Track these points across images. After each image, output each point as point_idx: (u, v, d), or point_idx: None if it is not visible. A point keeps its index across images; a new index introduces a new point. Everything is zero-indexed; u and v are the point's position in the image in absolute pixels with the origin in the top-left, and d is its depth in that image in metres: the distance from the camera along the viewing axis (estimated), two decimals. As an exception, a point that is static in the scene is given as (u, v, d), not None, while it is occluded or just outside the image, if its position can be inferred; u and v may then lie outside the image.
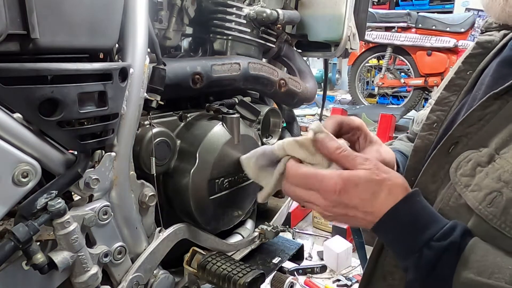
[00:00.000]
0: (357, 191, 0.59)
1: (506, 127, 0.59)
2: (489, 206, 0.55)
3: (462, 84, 0.73)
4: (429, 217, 0.59)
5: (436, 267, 0.56)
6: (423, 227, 0.58)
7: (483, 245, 0.55)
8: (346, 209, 0.61)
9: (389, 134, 3.71)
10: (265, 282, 1.12)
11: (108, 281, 0.80)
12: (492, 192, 0.55)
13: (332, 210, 0.62)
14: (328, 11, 1.22)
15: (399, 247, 0.62)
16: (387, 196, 0.60)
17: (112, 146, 0.74)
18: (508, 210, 0.53)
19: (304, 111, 4.81)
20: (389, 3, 6.67)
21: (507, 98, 0.60)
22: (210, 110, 0.99)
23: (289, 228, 2.74)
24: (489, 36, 0.74)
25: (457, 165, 0.61)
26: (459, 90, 0.73)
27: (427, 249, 0.56)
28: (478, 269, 0.53)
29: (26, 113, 0.59)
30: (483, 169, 0.58)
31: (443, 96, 0.74)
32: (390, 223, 0.60)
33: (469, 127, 0.63)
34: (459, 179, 0.60)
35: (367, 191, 0.59)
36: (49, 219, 0.64)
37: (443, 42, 4.48)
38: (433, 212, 0.61)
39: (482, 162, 0.58)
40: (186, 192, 0.90)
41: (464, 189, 0.59)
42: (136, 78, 0.75)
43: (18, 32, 0.56)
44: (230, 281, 0.86)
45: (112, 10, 0.70)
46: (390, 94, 5.56)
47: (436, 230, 0.57)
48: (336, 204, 0.61)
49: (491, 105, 0.61)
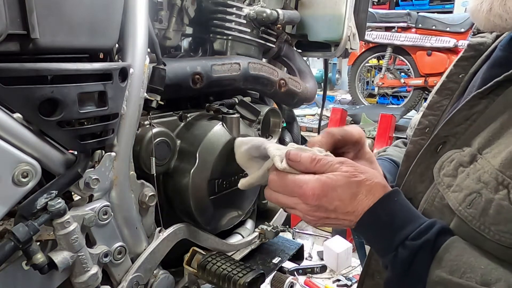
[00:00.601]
0: (336, 194, 0.60)
1: (489, 126, 0.58)
2: (469, 208, 0.55)
3: (454, 87, 0.72)
4: (406, 216, 0.59)
5: (411, 265, 0.56)
6: (399, 227, 0.58)
7: (461, 244, 0.55)
8: (327, 212, 0.61)
9: (389, 134, 3.71)
10: (265, 282, 1.12)
11: (108, 281, 0.80)
12: (471, 193, 0.55)
13: (314, 214, 0.62)
14: (328, 11, 1.22)
15: (378, 246, 0.63)
16: (367, 196, 0.60)
17: (112, 146, 0.74)
18: (487, 212, 0.53)
19: (304, 111, 4.81)
20: (389, 3, 6.67)
21: (493, 97, 0.59)
22: (210, 110, 0.99)
23: (289, 228, 2.74)
24: (481, 38, 0.72)
25: (441, 165, 0.61)
26: (451, 94, 0.72)
27: (402, 248, 0.57)
28: (451, 268, 0.53)
29: (26, 113, 0.59)
30: (464, 169, 0.57)
31: (435, 100, 0.73)
32: (368, 222, 0.61)
33: (456, 127, 0.62)
34: (442, 179, 0.60)
35: (346, 193, 0.60)
36: (49, 219, 0.64)
37: (443, 42, 4.48)
38: (412, 211, 0.61)
39: (464, 162, 0.58)
40: (186, 192, 0.90)
41: (446, 189, 0.59)
42: (136, 78, 0.75)
43: (18, 32, 0.56)
44: (230, 281, 0.86)
45: (112, 10, 0.70)
46: (390, 94, 5.55)
47: (412, 229, 0.57)
48: (316, 208, 0.61)
49: (477, 105, 0.61)
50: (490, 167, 0.54)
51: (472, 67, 0.71)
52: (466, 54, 0.73)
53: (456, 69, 0.73)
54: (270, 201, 0.68)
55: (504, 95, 0.59)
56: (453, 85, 0.72)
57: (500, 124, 0.57)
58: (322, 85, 1.53)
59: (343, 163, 0.62)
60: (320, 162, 0.62)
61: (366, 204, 0.60)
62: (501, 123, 0.57)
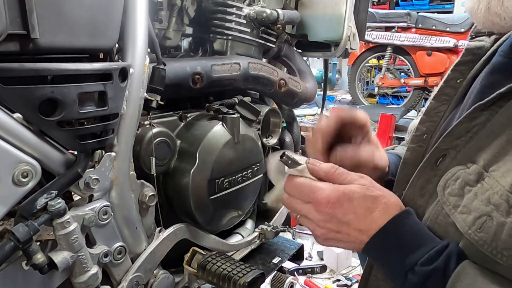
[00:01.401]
0: (351, 206, 0.58)
1: (494, 141, 0.55)
2: (479, 231, 0.52)
3: (452, 93, 0.70)
4: (415, 239, 0.57)
5: None
6: (408, 251, 0.56)
7: (472, 270, 0.53)
8: (339, 225, 0.59)
9: (389, 134, 3.70)
10: (265, 282, 1.12)
11: (108, 281, 0.80)
12: (481, 216, 0.52)
13: (325, 225, 0.60)
14: (328, 11, 1.22)
15: (386, 270, 0.60)
16: (383, 215, 0.58)
17: (112, 146, 0.74)
18: (499, 236, 0.50)
19: (304, 111, 4.80)
20: (389, 3, 6.66)
21: (495, 109, 0.57)
22: (210, 110, 0.99)
23: (289, 228, 2.73)
24: (479, 42, 0.70)
25: (445, 184, 0.58)
26: (449, 99, 0.70)
27: (412, 274, 0.55)
28: None
29: (26, 113, 0.59)
30: (471, 188, 0.55)
31: (432, 106, 0.71)
32: (377, 245, 0.59)
33: (456, 140, 0.60)
34: (447, 198, 0.57)
35: (362, 206, 0.58)
36: (49, 219, 0.64)
37: (443, 42, 4.48)
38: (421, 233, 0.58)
39: (471, 181, 0.55)
40: (186, 192, 0.90)
41: (452, 209, 0.56)
42: (136, 78, 0.75)
43: (18, 32, 0.56)
44: (230, 281, 0.86)
45: (112, 10, 0.70)
46: (390, 94, 5.55)
47: (422, 254, 0.55)
48: (329, 218, 0.59)
49: (478, 117, 0.58)
50: (499, 188, 0.51)
51: (471, 72, 0.69)
52: (464, 58, 0.70)
53: (453, 74, 0.71)
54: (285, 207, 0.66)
55: (506, 107, 0.56)
56: (451, 91, 0.70)
57: (506, 139, 0.54)
58: (322, 85, 1.53)
59: (362, 177, 0.61)
60: (340, 170, 0.61)
61: (381, 222, 0.58)
62: (507, 139, 0.54)
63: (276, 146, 1.21)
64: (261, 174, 1.08)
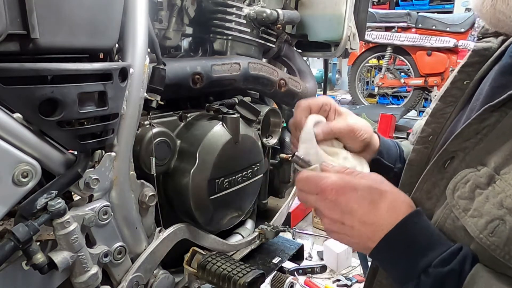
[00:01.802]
0: (355, 195, 0.57)
1: (505, 143, 0.54)
2: (491, 236, 0.51)
3: (459, 94, 0.69)
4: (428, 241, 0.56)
5: None
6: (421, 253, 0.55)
7: (486, 274, 0.52)
8: (342, 214, 0.58)
9: (389, 134, 3.71)
10: (265, 282, 1.12)
11: (108, 281, 0.80)
12: (494, 220, 0.51)
13: (330, 215, 0.59)
14: (328, 11, 1.22)
15: (396, 273, 0.59)
16: (388, 211, 0.57)
17: (112, 146, 0.74)
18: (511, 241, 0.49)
19: (304, 111, 4.80)
20: (389, 3, 6.66)
21: (506, 110, 0.56)
22: (210, 110, 0.99)
23: (289, 228, 2.74)
24: (486, 43, 0.69)
25: (454, 186, 0.57)
26: (456, 101, 0.69)
27: (425, 276, 0.54)
28: None
29: (26, 113, 0.59)
30: (482, 191, 0.54)
31: (438, 107, 0.71)
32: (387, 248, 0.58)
33: (465, 142, 0.59)
34: (457, 201, 0.56)
35: (366, 198, 0.57)
36: (49, 219, 0.64)
37: (443, 42, 4.48)
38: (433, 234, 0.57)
39: (481, 183, 0.54)
40: (186, 192, 0.90)
41: (462, 213, 0.55)
42: (136, 78, 0.75)
43: (18, 32, 0.56)
44: (230, 281, 0.86)
45: (112, 10, 0.70)
46: (390, 94, 5.55)
47: (435, 256, 0.54)
48: (332, 205, 0.58)
49: (488, 118, 0.57)
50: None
51: (478, 73, 0.68)
52: (471, 60, 0.69)
53: (460, 75, 0.70)
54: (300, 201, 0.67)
55: None
56: (457, 92, 0.69)
57: None
58: (322, 85, 1.54)
59: (373, 174, 0.61)
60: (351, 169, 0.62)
61: (388, 221, 0.57)
62: None
63: (276, 146, 1.21)
64: (261, 174, 1.08)
